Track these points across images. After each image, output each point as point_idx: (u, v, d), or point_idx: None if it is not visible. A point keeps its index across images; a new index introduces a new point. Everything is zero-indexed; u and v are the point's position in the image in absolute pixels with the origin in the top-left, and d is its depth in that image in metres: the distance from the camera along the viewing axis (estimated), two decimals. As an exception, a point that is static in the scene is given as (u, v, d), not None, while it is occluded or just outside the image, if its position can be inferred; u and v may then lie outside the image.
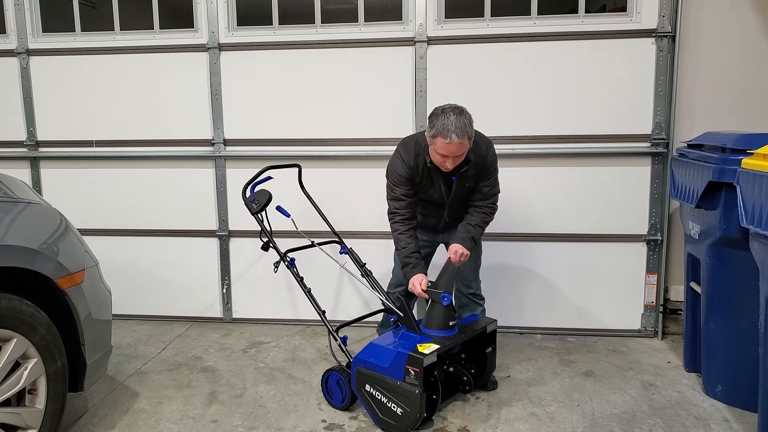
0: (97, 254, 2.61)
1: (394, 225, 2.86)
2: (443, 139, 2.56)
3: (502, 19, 3.54)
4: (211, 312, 4.04)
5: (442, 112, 2.60)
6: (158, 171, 3.93)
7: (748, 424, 2.60)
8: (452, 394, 2.85)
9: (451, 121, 2.55)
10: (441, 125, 2.56)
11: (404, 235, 2.82)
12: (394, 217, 2.86)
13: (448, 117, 2.56)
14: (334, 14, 3.72)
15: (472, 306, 3.11)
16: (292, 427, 2.64)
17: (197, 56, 3.78)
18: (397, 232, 2.85)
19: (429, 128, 2.64)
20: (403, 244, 2.82)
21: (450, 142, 2.55)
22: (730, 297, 2.72)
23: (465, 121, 2.58)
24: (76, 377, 2.43)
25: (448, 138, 2.54)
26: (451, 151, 2.60)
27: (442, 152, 2.61)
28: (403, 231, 2.83)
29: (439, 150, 2.61)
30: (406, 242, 2.82)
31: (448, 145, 2.57)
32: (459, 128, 2.55)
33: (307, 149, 3.77)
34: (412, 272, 2.80)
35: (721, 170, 2.55)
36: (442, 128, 2.56)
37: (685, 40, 3.44)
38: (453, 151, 2.60)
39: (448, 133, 2.54)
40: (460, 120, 2.57)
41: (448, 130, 2.54)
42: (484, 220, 2.91)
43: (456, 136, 2.54)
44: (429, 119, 2.66)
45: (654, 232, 3.60)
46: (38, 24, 3.91)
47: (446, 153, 2.61)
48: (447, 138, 2.55)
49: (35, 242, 2.20)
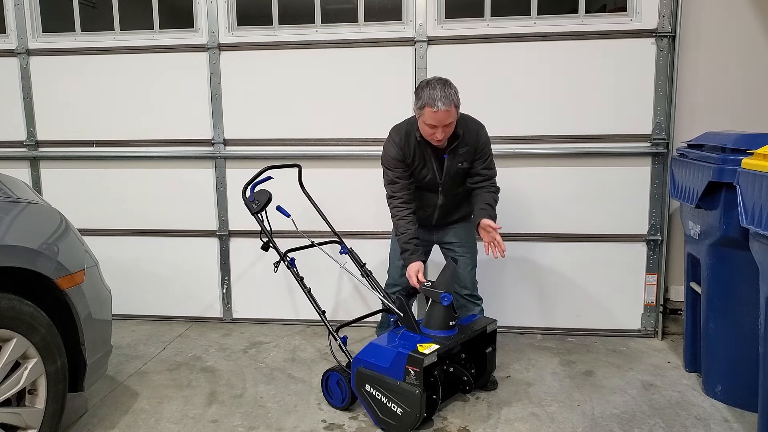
0: (97, 254, 2.61)
1: (393, 210, 2.86)
2: (430, 108, 2.60)
3: (502, 19, 3.54)
4: (211, 312, 4.04)
5: (427, 84, 2.65)
6: (158, 171, 3.93)
7: (748, 424, 2.60)
8: (452, 394, 2.85)
9: (436, 90, 2.60)
10: (427, 96, 2.61)
11: (403, 220, 2.82)
12: (393, 201, 2.86)
13: (433, 87, 2.62)
14: (334, 14, 3.72)
15: (469, 307, 3.11)
16: (292, 427, 2.64)
17: (197, 56, 3.78)
18: (396, 217, 2.85)
19: (415, 101, 2.68)
20: (402, 229, 2.82)
21: (437, 110, 2.59)
22: (730, 297, 2.72)
23: (450, 90, 2.63)
24: (76, 377, 2.43)
25: (435, 107, 2.58)
26: (439, 120, 2.62)
27: (430, 122, 2.64)
28: (402, 216, 2.82)
29: (428, 120, 2.64)
30: (405, 227, 2.82)
31: (436, 113, 2.60)
32: (445, 96, 2.59)
33: (307, 149, 3.77)
34: (410, 259, 2.81)
35: (721, 170, 2.55)
36: (429, 98, 2.60)
37: (685, 40, 3.44)
38: (441, 119, 2.62)
39: (434, 101, 2.58)
40: (445, 89, 2.62)
41: (434, 99, 2.58)
42: (495, 199, 2.90)
43: (442, 104, 2.58)
44: (415, 93, 2.70)
45: (654, 232, 3.60)
46: (38, 24, 3.91)
47: (434, 122, 2.63)
48: (434, 107, 2.59)
49: (35, 242, 2.20)
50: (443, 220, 3.02)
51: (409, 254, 2.82)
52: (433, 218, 3.01)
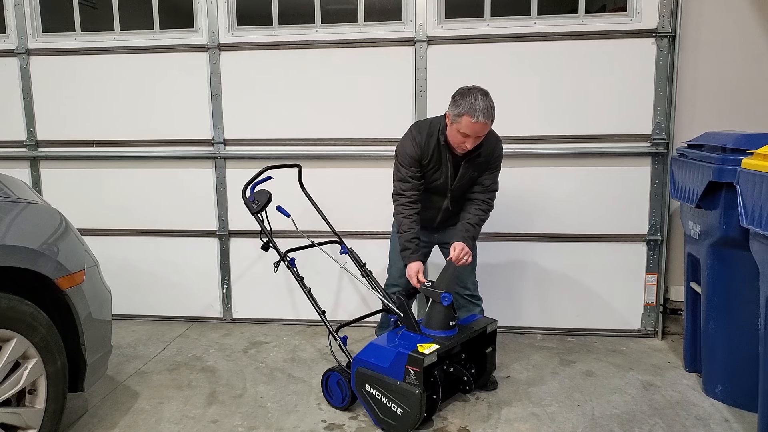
0: (97, 254, 2.61)
1: (399, 207, 2.82)
2: (470, 117, 2.56)
3: (502, 19, 3.54)
4: (211, 312, 4.04)
5: (468, 92, 2.60)
6: (158, 171, 3.93)
7: (748, 424, 2.60)
8: (452, 394, 2.85)
9: (478, 101, 2.56)
10: (468, 104, 2.56)
11: (408, 219, 2.79)
12: (400, 199, 2.82)
13: (475, 97, 2.57)
14: (334, 14, 3.72)
15: (469, 307, 3.11)
16: (292, 427, 2.64)
17: (197, 56, 3.78)
18: (401, 215, 2.81)
19: (453, 107, 2.62)
20: (406, 227, 2.80)
21: (476, 121, 2.55)
22: (730, 297, 2.72)
23: (491, 103, 2.60)
24: (76, 377, 2.43)
25: (475, 117, 2.55)
26: (474, 131, 2.60)
27: (465, 131, 2.60)
28: (408, 215, 2.80)
29: (463, 129, 2.60)
30: (409, 226, 2.79)
31: (474, 124, 2.57)
32: (486, 109, 2.56)
33: (307, 149, 3.77)
34: (410, 258, 2.80)
35: (721, 170, 2.55)
36: (470, 107, 2.55)
37: (685, 40, 3.44)
38: (477, 131, 2.60)
39: (476, 112, 2.54)
40: (487, 101, 2.59)
41: (475, 110, 2.55)
42: (482, 218, 2.91)
43: (482, 116, 2.55)
44: (453, 98, 2.65)
45: (654, 232, 3.60)
46: (38, 24, 3.91)
47: (469, 133, 2.61)
48: (474, 117, 2.55)
49: (35, 242, 2.20)
50: (446, 222, 3.02)
51: (410, 253, 2.81)
52: (436, 220, 3.01)
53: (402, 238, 2.82)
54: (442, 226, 3.03)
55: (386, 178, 3.68)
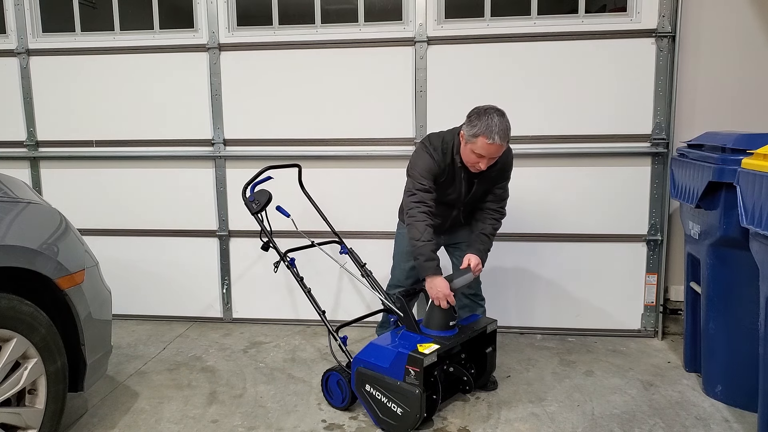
0: (97, 254, 2.61)
1: (419, 215, 2.68)
2: (486, 139, 2.53)
3: (502, 19, 3.54)
4: (211, 312, 4.04)
5: (485, 113, 2.57)
6: (158, 171, 3.93)
7: (748, 424, 2.60)
8: (452, 394, 2.85)
9: (494, 122, 2.53)
10: (485, 125, 2.53)
11: (429, 228, 2.68)
12: (420, 207, 2.69)
13: (491, 117, 2.54)
14: (334, 14, 3.72)
15: (472, 306, 3.11)
16: (292, 427, 2.64)
17: (197, 56, 3.78)
18: (424, 222, 2.68)
19: (469, 127, 2.59)
20: (428, 236, 2.68)
21: (492, 143, 2.53)
22: (730, 297, 2.72)
23: (507, 124, 2.57)
24: (76, 377, 2.43)
25: (491, 139, 2.53)
26: (489, 152, 2.58)
27: (480, 152, 2.58)
28: (429, 224, 2.70)
29: (478, 150, 2.58)
30: (430, 236, 2.69)
31: (490, 146, 2.54)
32: (502, 130, 2.54)
33: (307, 149, 3.77)
34: (436, 270, 2.70)
35: (721, 170, 2.55)
36: (486, 128, 2.53)
37: (685, 40, 3.44)
38: (492, 152, 2.58)
39: (492, 134, 2.52)
40: (503, 122, 2.56)
41: (492, 131, 2.52)
42: (495, 228, 2.92)
43: (499, 138, 2.53)
44: (468, 118, 2.62)
45: (654, 232, 3.60)
46: (38, 24, 3.91)
47: (484, 154, 2.58)
48: (490, 138, 2.53)
49: (35, 242, 2.20)
50: (454, 226, 3.01)
51: (436, 266, 2.71)
52: (445, 226, 2.98)
53: (425, 247, 2.68)
54: (451, 229, 3.03)
55: (386, 178, 3.71)
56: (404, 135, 3.67)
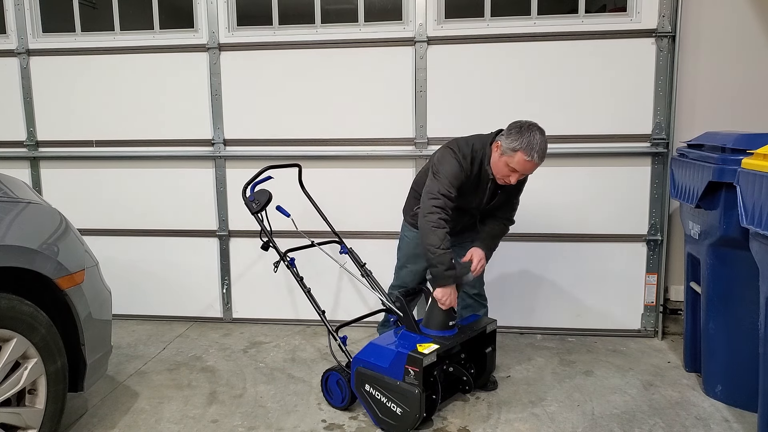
0: (97, 254, 2.61)
1: (440, 221, 2.61)
2: (525, 155, 2.51)
3: (502, 19, 3.54)
4: (211, 312, 4.04)
5: (528, 129, 2.54)
6: (158, 171, 3.93)
7: (748, 424, 2.60)
8: (452, 394, 2.85)
9: (536, 140, 2.51)
10: (526, 141, 2.50)
11: (447, 236, 2.62)
12: (441, 213, 2.62)
13: (534, 135, 2.52)
14: (334, 14, 3.72)
15: (475, 307, 3.11)
16: (292, 427, 2.64)
17: (197, 56, 3.78)
18: (444, 229, 2.61)
19: (508, 140, 2.55)
20: (447, 244, 2.62)
21: (530, 160, 2.52)
22: (730, 297, 2.72)
23: (546, 143, 2.56)
24: (76, 377, 2.43)
25: (530, 156, 2.51)
26: (525, 169, 2.58)
27: (515, 167, 2.56)
28: (448, 231, 2.63)
29: (514, 165, 2.56)
30: (450, 243, 2.65)
31: (527, 162, 2.53)
32: (542, 149, 2.53)
33: (307, 149, 3.77)
34: (453, 282, 2.67)
35: (721, 170, 2.55)
36: (528, 145, 2.50)
37: (685, 40, 3.44)
38: (527, 169, 2.58)
39: (532, 151, 2.50)
40: (544, 141, 2.54)
41: (532, 149, 2.50)
42: (503, 232, 2.95)
43: (537, 156, 2.52)
44: (508, 130, 2.58)
45: (654, 232, 3.60)
46: (38, 24, 3.91)
47: (519, 169, 2.57)
48: (529, 156, 2.51)
49: (35, 242, 2.20)
50: (463, 231, 2.99)
51: (455, 275, 2.67)
52: (455, 230, 2.94)
53: (444, 256, 2.62)
54: (460, 232, 3.02)
55: (386, 177, 3.71)
56: (404, 135, 3.67)
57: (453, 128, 3.60)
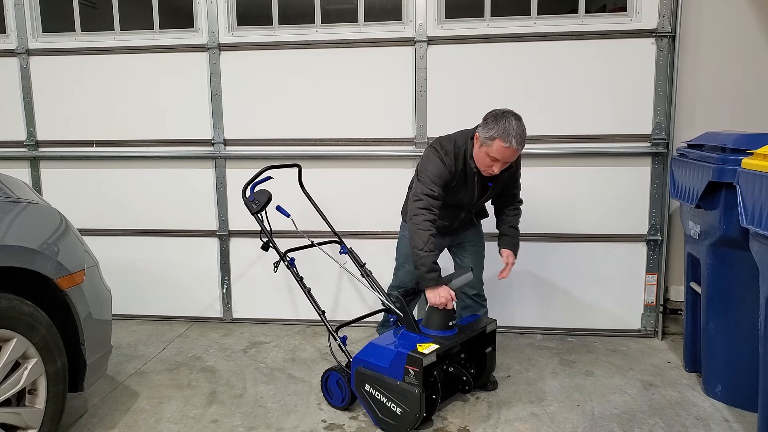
0: (97, 254, 2.61)
1: (424, 223, 2.63)
2: (502, 142, 2.51)
3: (502, 19, 3.54)
4: (211, 312, 4.04)
5: (502, 116, 2.54)
6: (158, 171, 3.93)
7: (748, 424, 2.60)
8: (452, 394, 2.85)
9: (512, 126, 2.51)
10: (502, 128, 2.50)
11: (432, 237, 2.63)
12: (426, 214, 2.63)
13: (509, 121, 2.52)
14: (334, 14, 3.72)
15: (475, 307, 3.11)
16: (292, 427, 2.64)
17: (197, 56, 3.78)
18: (428, 231, 2.62)
19: (485, 129, 2.55)
20: (432, 246, 2.63)
21: (509, 146, 2.51)
22: (730, 297, 2.72)
23: (524, 128, 2.55)
24: (76, 377, 2.43)
25: (508, 142, 2.50)
26: (504, 156, 2.56)
27: (495, 156, 2.56)
28: (433, 233, 2.63)
29: (493, 153, 2.55)
30: (434, 245, 2.66)
31: (506, 149, 2.52)
32: (519, 134, 2.52)
33: (307, 149, 3.77)
34: (438, 282, 2.66)
35: (721, 170, 2.55)
36: (503, 131, 2.50)
37: (685, 40, 3.44)
38: (507, 156, 2.57)
39: (509, 137, 2.50)
40: (520, 126, 2.54)
41: (509, 135, 2.50)
42: (518, 215, 3.01)
43: (516, 142, 2.51)
44: (484, 121, 2.59)
45: (654, 232, 3.60)
46: (38, 24, 3.91)
47: (500, 157, 2.57)
48: (507, 142, 2.50)
49: (35, 242, 2.20)
50: (460, 227, 3.00)
51: (437, 276, 2.66)
52: (452, 228, 2.97)
53: (427, 258, 2.63)
54: (457, 230, 3.02)
55: (386, 177, 3.71)
56: (404, 135, 3.67)
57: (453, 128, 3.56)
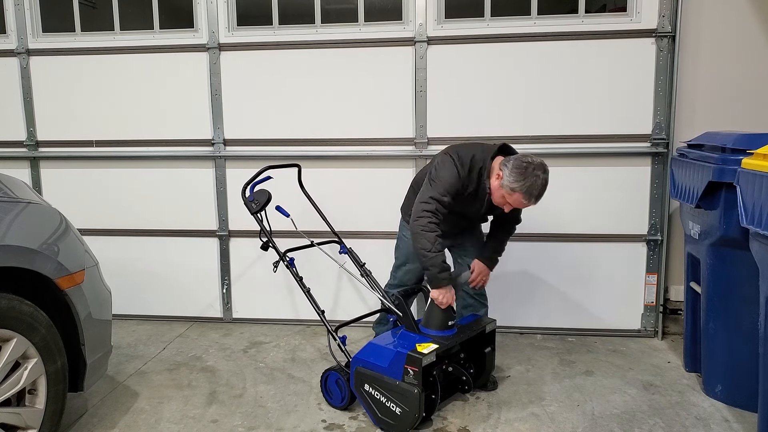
0: (97, 254, 2.61)
1: (430, 225, 2.63)
2: (522, 198, 2.54)
3: (502, 19, 3.54)
4: (211, 312, 4.04)
5: (533, 172, 2.51)
6: (158, 171, 3.93)
7: (748, 424, 2.60)
8: (452, 394, 2.85)
9: (537, 185, 2.52)
10: (527, 186, 2.51)
11: (439, 239, 2.64)
12: (432, 217, 2.64)
13: (536, 179, 2.51)
14: (334, 14, 3.72)
15: (476, 306, 3.11)
16: (292, 427, 2.64)
17: (197, 56, 3.78)
18: (434, 233, 2.63)
19: (510, 178, 2.53)
20: (439, 246, 2.65)
21: (527, 203, 2.58)
22: (730, 297, 2.72)
23: (547, 182, 2.56)
24: (76, 377, 2.43)
25: (528, 201, 2.56)
26: (521, 206, 2.65)
27: (511, 203, 2.62)
28: (439, 234, 2.65)
29: (511, 201, 2.60)
30: (441, 245, 2.67)
31: (523, 203, 2.59)
32: (541, 193, 2.56)
33: (307, 149, 3.77)
34: (450, 282, 2.71)
35: (721, 170, 2.55)
36: (527, 190, 2.52)
37: (685, 40, 3.44)
38: (523, 206, 2.65)
39: (531, 196, 2.54)
40: (545, 183, 2.55)
41: (531, 195, 2.53)
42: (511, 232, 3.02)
43: (535, 200, 2.56)
44: (513, 169, 2.53)
45: (654, 232, 3.60)
46: (38, 24, 3.91)
47: (515, 206, 2.64)
48: (526, 199, 2.55)
49: (35, 242, 2.20)
50: (460, 233, 3.01)
51: (449, 276, 2.70)
52: (452, 232, 2.97)
53: (436, 258, 2.65)
54: (457, 234, 3.02)
55: (386, 177, 3.71)
56: (404, 135, 3.67)
57: (453, 128, 3.61)
